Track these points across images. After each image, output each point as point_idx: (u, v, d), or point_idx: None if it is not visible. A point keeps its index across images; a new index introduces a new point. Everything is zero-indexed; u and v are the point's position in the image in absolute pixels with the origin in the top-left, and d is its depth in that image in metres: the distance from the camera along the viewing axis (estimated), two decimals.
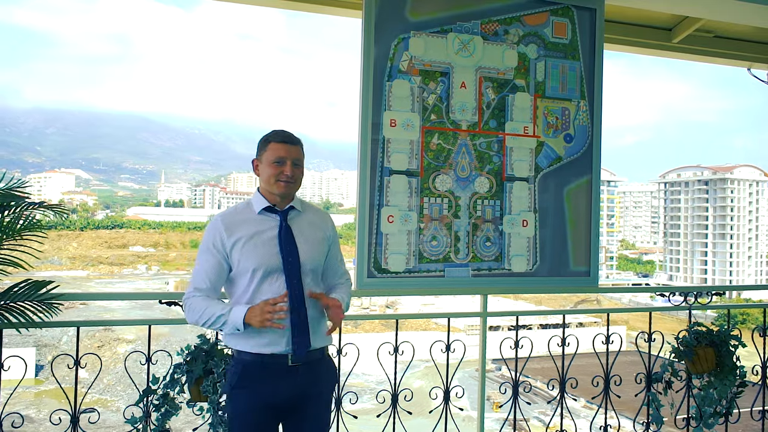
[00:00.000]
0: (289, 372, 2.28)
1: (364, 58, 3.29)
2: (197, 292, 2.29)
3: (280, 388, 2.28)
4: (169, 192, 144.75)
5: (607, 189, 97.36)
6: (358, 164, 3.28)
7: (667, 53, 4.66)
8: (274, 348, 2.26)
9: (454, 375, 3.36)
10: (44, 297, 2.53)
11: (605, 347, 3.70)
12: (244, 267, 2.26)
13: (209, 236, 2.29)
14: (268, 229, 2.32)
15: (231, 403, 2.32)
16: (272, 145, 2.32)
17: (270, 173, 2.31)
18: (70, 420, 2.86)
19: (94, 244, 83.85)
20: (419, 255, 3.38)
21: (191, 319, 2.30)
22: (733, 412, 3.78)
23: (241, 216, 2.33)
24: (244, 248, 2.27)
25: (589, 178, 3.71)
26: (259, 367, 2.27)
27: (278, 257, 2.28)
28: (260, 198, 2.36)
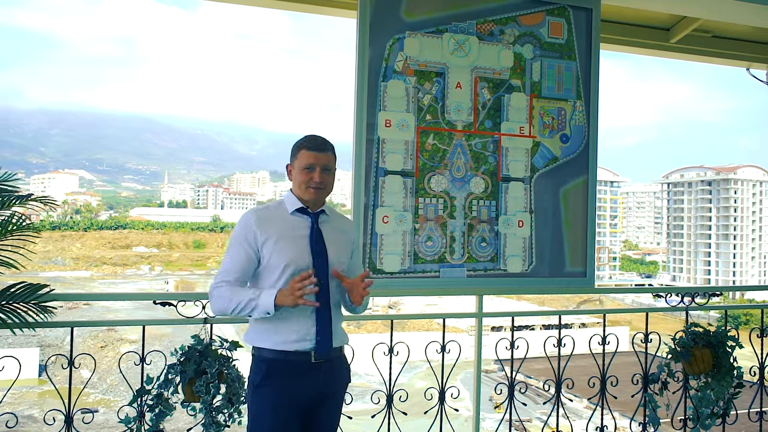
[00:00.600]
0: (311, 369, 2.34)
1: (358, 59, 3.28)
2: (224, 283, 2.31)
3: (303, 385, 2.33)
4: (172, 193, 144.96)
5: (610, 189, 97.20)
6: (352, 164, 3.28)
7: (666, 53, 4.66)
8: (299, 345, 2.31)
9: (451, 375, 3.36)
10: (40, 298, 2.53)
11: (610, 348, 3.70)
12: (275, 263, 2.31)
13: (241, 230, 2.34)
14: (300, 229, 2.38)
15: (255, 401, 2.34)
16: (303, 153, 2.38)
17: (301, 180, 2.38)
18: (64, 420, 2.86)
19: (97, 244, 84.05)
20: (414, 255, 3.38)
21: (218, 307, 2.31)
22: (730, 413, 3.77)
23: (274, 213, 2.40)
24: (277, 245, 2.32)
25: (585, 178, 3.70)
26: (283, 365, 2.31)
27: (309, 256, 2.35)
28: (293, 199, 2.42)
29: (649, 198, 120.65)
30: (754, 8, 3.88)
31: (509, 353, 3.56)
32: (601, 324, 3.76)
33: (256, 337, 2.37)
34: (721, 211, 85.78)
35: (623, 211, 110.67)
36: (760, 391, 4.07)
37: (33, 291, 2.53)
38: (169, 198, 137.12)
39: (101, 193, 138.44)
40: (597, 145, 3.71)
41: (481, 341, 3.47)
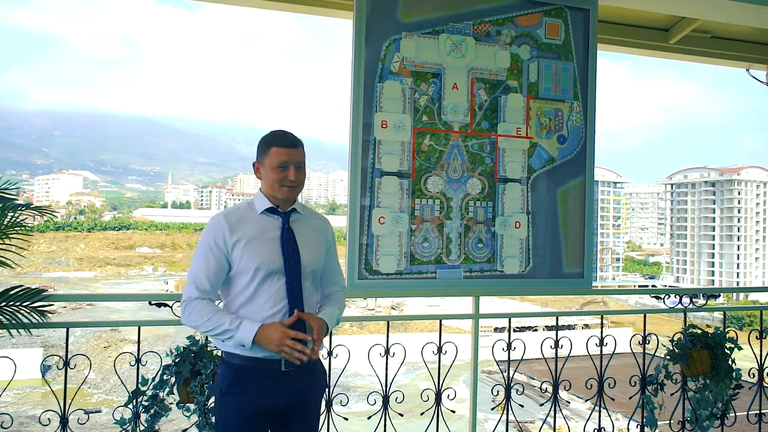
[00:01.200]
0: (281, 377, 2.23)
1: (355, 60, 3.28)
2: (199, 293, 2.20)
3: (272, 393, 2.23)
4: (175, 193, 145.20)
5: (613, 190, 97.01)
6: (348, 165, 3.28)
7: (665, 54, 4.65)
8: (267, 352, 2.19)
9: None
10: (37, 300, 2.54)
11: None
12: (245, 266, 2.20)
13: (210, 234, 2.24)
14: (270, 230, 2.29)
15: (221, 407, 2.26)
16: (275, 150, 2.27)
17: (273, 178, 2.27)
18: (59, 420, 2.86)
19: (101, 245, 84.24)
20: (411, 256, 3.37)
21: (192, 322, 2.21)
22: (729, 415, 3.76)
23: (244, 215, 2.30)
24: (246, 247, 2.22)
25: (582, 179, 3.69)
26: (252, 372, 2.21)
27: (280, 258, 2.25)
28: (263, 199, 2.33)
29: (652, 199, 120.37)
30: (752, 9, 3.87)
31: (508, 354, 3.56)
32: (605, 325, 3.75)
33: (225, 342, 2.25)
34: (724, 212, 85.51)
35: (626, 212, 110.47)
36: (759, 392, 4.05)
37: (32, 294, 2.54)
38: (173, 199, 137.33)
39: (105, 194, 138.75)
40: (594, 146, 3.70)
41: (478, 342, 3.46)
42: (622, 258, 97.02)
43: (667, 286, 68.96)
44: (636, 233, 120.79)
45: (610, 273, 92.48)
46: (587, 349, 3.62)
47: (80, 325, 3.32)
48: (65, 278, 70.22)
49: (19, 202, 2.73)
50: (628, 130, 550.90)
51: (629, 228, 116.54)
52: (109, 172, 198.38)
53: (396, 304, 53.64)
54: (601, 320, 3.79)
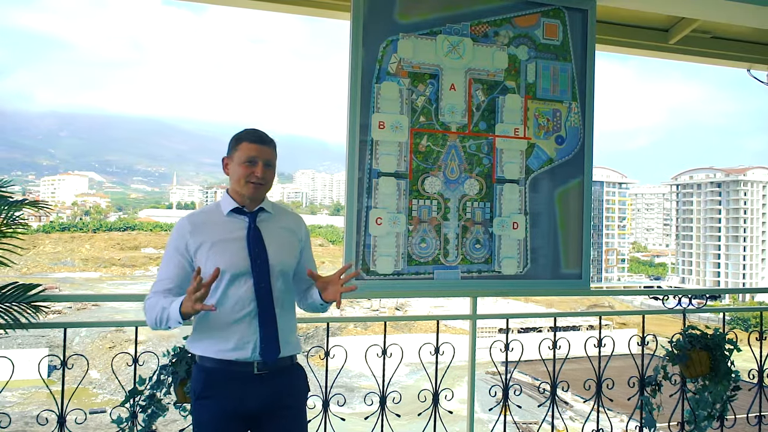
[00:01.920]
0: (255, 380, 2.19)
1: (352, 60, 3.29)
2: (153, 294, 2.17)
3: (246, 397, 2.18)
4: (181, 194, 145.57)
5: (618, 191, 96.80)
6: (346, 166, 3.29)
7: (665, 54, 4.64)
8: (239, 354, 2.16)
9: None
10: (32, 299, 2.55)
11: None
12: (210, 270, 2.09)
13: (174, 238, 2.21)
14: (236, 230, 2.23)
15: (196, 412, 2.21)
16: (244, 145, 2.24)
17: (240, 173, 2.22)
18: (57, 420, 2.88)
19: (106, 245, 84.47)
20: (408, 257, 3.38)
21: (149, 321, 2.15)
22: (727, 416, 3.74)
23: (209, 217, 2.25)
24: (211, 251, 2.17)
25: (580, 180, 3.69)
26: (224, 375, 2.17)
27: (246, 259, 2.19)
28: (228, 199, 2.27)
29: (657, 200, 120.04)
30: (752, 9, 3.86)
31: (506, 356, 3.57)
32: (609, 326, 3.76)
33: (196, 345, 2.23)
34: (730, 212, 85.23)
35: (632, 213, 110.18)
36: (759, 394, 4.03)
37: (24, 291, 2.55)
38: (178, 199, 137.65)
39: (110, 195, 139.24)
40: (593, 147, 3.70)
41: (476, 343, 3.46)
42: (627, 259, 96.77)
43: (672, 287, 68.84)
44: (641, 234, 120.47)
45: (615, 274, 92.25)
46: (585, 350, 3.61)
47: (77, 325, 3.35)
48: (71, 279, 70.49)
49: (15, 199, 2.73)
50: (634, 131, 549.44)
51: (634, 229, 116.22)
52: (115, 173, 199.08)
53: (400, 304, 53.64)
54: (599, 321, 3.79)
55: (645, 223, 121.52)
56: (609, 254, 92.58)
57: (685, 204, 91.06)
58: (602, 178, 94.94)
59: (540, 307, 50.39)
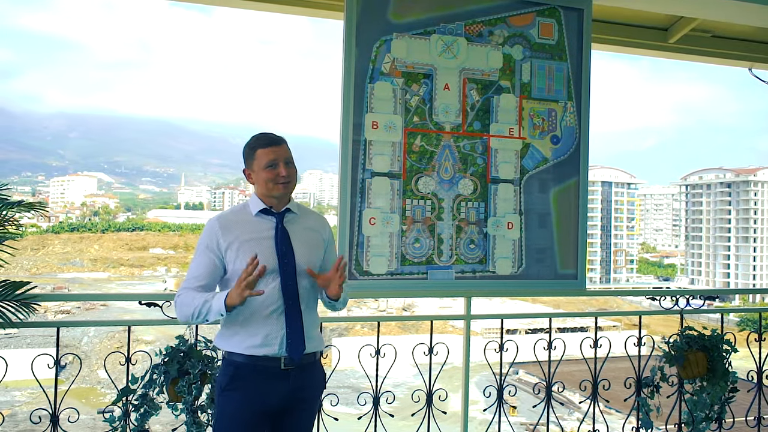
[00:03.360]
0: (281, 376, 2.27)
1: (345, 60, 3.29)
2: (185, 290, 2.25)
3: (271, 391, 2.26)
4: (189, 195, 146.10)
5: (627, 191, 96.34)
6: (339, 166, 3.29)
7: (664, 54, 4.61)
8: (267, 350, 2.25)
9: (437, 377, 3.35)
10: (20, 297, 2.56)
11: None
12: (240, 267, 2.20)
13: (205, 237, 2.30)
14: (264, 230, 2.32)
15: (221, 404, 2.29)
16: (260, 152, 2.31)
17: (266, 177, 2.30)
18: (50, 419, 2.89)
19: (115, 246, 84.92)
20: (402, 257, 3.37)
21: (182, 315, 2.24)
22: (725, 418, 3.72)
23: (238, 217, 2.34)
24: (241, 249, 2.26)
25: (576, 179, 3.67)
26: (251, 370, 2.25)
27: (274, 258, 2.28)
28: (257, 201, 2.36)
29: (667, 200, 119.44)
30: (752, 8, 3.83)
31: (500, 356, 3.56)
32: (618, 328, 3.75)
33: (225, 341, 2.31)
34: (740, 213, 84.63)
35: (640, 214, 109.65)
36: (758, 395, 4.00)
37: (13, 289, 2.56)
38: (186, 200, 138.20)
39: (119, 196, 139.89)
40: (588, 147, 3.68)
41: (470, 343, 3.45)
42: (636, 260, 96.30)
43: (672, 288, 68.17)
44: (650, 235, 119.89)
45: (624, 275, 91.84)
46: (581, 350, 3.60)
47: (71, 325, 3.36)
48: (80, 279, 70.90)
49: (11, 199, 2.75)
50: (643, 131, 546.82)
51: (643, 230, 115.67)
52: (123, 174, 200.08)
53: (407, 305, 53.64)
54: (595, 321, 3.77)
55: (654, 223, 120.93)
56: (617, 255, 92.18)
57: (695, 204, 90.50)
58: (611, 179, 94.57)
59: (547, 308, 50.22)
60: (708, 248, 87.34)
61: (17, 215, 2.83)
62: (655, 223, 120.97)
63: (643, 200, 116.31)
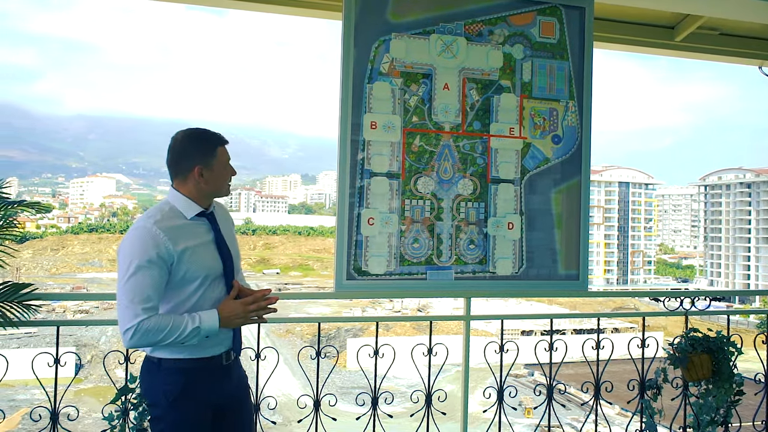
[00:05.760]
0: (224, 371, 2.30)
1: (343, 61, 3.29)
2: (145, 313, 2.05)
3: (220, 388, 2.28)
4: None
5: (645, 192, 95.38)
6: (337, 166, 3.28)
7: (671, 52, 4.55)
8: (214, 350, 2.24)
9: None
10: (23, 298, 2.60)
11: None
12: (192, 275, 2.16)
13: (149, 248, 2.08)
14: (203, 234, 2.26)
15: (175, 416, 2.19)
16: (221, 150, 2.28)
17: (225, 176, 2.30)
18: (50, 417, 2.92)
19: None
20: (400, 257, 3.36)
21: (148, 340, 2.07)
22: (731, 422, 3.66)
23: (176, 222, 2.20)
24: (193, 256, 2.17)
25: (578, 179, 3.64)
26: (202, 372, 2.22)
27: (219, 262, 2.27)
28: (189, 203, 2.25)
29: (685, 200, 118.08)
30: (759, 5, 3.77)
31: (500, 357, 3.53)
32: (635, 329, 3.71)
33: (168, 350, 2.17)
34: (761, 213, 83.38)
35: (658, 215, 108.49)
36: (766, 398, 3.94)
37: (16, 290, 2.59)
38: None
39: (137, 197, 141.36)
40: (590, 146, 3.64)
41: (469, 343, 3.43)
42: (653, 261, 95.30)
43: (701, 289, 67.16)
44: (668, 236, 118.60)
45: (642, 276, 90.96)
46: (583, 353, 3.56)
47: (70, 324, 3.39)
48: (98, 279, 71.72)
49: (13, 199, 2.78)
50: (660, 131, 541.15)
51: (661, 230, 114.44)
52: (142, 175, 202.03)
53: (422, 306, 53.61)
54: (597, 323, 3.73)
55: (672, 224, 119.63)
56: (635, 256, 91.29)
57: (714, 205, 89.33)
58: (628, 179, 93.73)
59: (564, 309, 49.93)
60: (727, 249, 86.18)
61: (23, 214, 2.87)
62: (673, 224, 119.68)
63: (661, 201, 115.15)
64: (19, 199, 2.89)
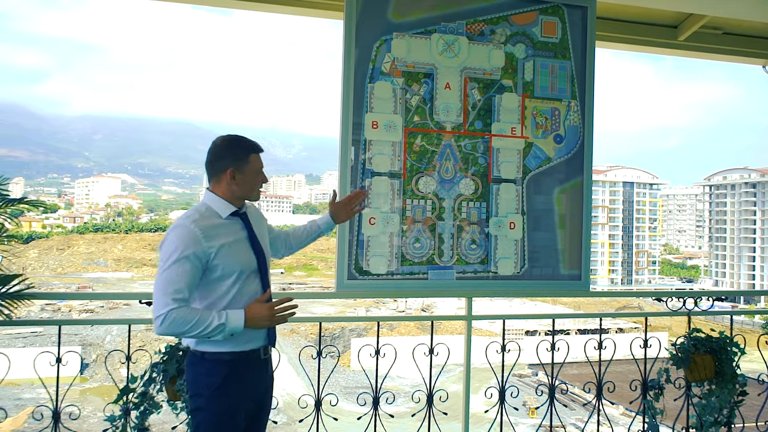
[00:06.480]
0: (262, 365, 2.41)
1: (345, 60, 3.28)
2: (176, 303, 2.16)
3: (258, 382, 2.39)
4: None
5: (650, 192, 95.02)
6: (338, 166, 3.28)
7: (674, 51, 4.54)
8: (252, 344, 2.35)
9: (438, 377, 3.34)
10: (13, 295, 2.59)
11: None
12: (228, 271, 2.28)
13: (186, 243, 2.20)
14: (237, 232, 2.37)
15: (214, 406, 2.27)
16: (254, 157, 2.40)
17: (255, 182, 2.41)
18: (51, 416, 2.93)
19: (138, 246, 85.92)
20: (402, 257, 3.36)
21: (174, 330, 2.17)
22: (735, 422, 3.64)
23: (213, 221, 2.32)
24: (228, 253, 2.28)
25: (580, 179, 3.63)
26: (243, 365, 2.33)
27: (253, 258, 2.38)
28: (224, 203, 2.37)
29: (690, 200, 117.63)
30: (762, 4, 3.76)
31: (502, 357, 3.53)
32: (639, 329, 3.70)
33: (208, 343, 2.28)
34: (766, 213, 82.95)
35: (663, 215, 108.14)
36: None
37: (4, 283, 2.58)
38: None
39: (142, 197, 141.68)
40: (593, 146, 3.63)
41: (471, 343, 3.43)
42: (658, 261, 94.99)
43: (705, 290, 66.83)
44: (673, 236, 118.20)
45: (646, 276, 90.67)
46: (585, 353, 3.55)
47: (72, 323, 3.40)
48: (104, 279, 71.88)
49: (13, 196, 2.79)
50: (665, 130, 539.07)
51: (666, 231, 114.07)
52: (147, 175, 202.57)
53: (426, 305, 53.57)
54: (599, 323, 3.72)
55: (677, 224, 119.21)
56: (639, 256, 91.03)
57: (719, 205, 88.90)
58: (633, 179, 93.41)
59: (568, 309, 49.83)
60: (732, 249, 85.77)
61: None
62: (678, 224, 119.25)
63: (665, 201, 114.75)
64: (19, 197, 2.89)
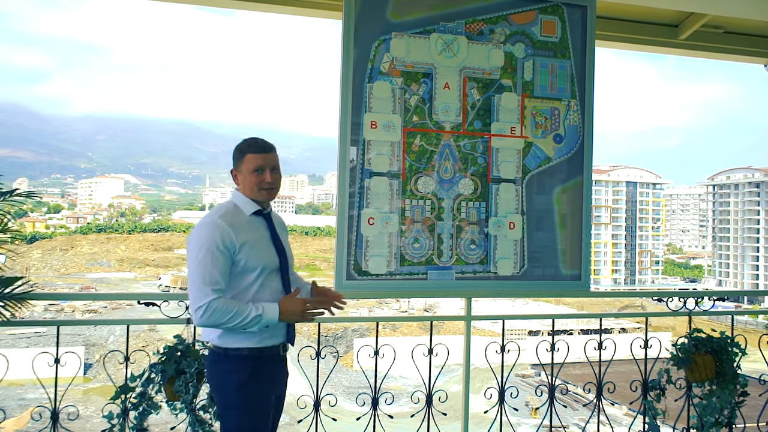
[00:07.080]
0: (281, 361, 2.49)
1: (344, 60, 3.27)
2: (215, 294, 2.26)
3: (278, 377, 2.47)
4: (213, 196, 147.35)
5: (653, 192, 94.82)
6: (337, 166, 3.27)
7: (675, 51, 4.52)
8: (274, 340, 2.41)
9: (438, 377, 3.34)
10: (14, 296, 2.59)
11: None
12: (251, 266, 2.35)
13: (215, 236, 2.29)
14: (260, 230, 2.45)
15: (242, 400, 2.35)
16: (249, 156, 2.42)
17: (252, 182, 2.42)
18: (50, 417, 2.93)
19: (141, 246, 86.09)
20: (401, 257, 3.35)
21: (215, 321, 2.26)
22: (736, 423, 3.63)
23: (239, 218, 2.40)
24: (252, 248, 2.36)
25: (580, 179, 3.61)
26: (263, 360, 2.39)
27: (276, 255, 2.45)
28: (248, 201, 2.45)
29: (693, 200, 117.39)
30: (763, 2, 3.74)
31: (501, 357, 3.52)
32: (642, 329, 3.70)
33: (231, 338, 2.35)
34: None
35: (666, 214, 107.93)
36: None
37: (5, 286, 2.59)
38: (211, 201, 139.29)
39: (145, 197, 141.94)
40: (592, 146, 3.62)
41: (470, 344, 3.42)
42: (661, 261, 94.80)
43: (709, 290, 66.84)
44: (676, 236, 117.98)
45: (649, 276, 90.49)
46: (585, 354, 3.54)
47: (71, 323, 3.40)
48: (107, 279, 72.02)
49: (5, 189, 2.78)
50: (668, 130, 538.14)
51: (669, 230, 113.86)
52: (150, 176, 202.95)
53: (429, 306, 53.54)
54: (600, 324, 3.71)
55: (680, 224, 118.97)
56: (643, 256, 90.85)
57: (722, 205, 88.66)
58: (636, 179, 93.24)
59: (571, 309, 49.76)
60: (736, 249, 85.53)
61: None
62: (681, 224, 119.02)
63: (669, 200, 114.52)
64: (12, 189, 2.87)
